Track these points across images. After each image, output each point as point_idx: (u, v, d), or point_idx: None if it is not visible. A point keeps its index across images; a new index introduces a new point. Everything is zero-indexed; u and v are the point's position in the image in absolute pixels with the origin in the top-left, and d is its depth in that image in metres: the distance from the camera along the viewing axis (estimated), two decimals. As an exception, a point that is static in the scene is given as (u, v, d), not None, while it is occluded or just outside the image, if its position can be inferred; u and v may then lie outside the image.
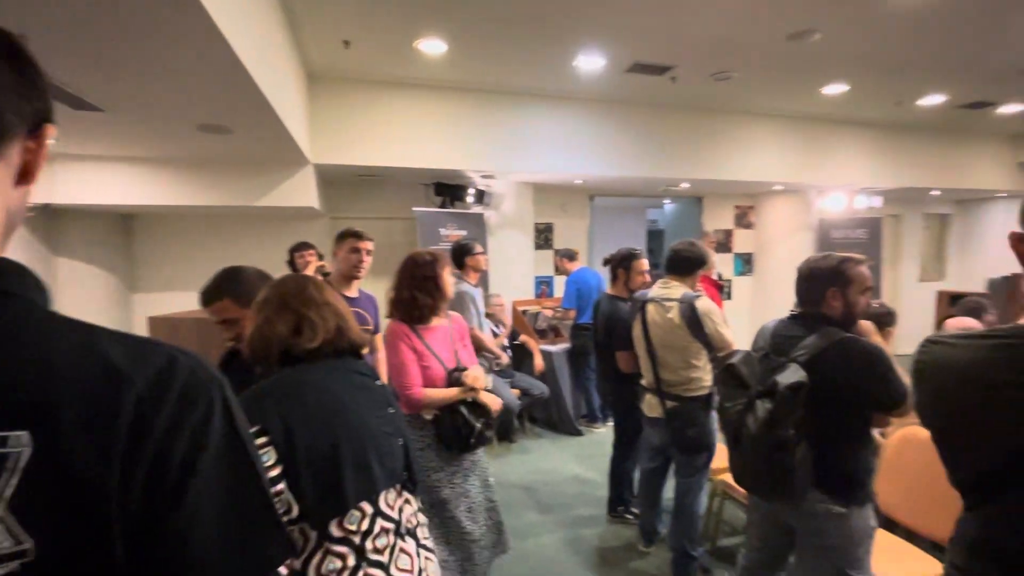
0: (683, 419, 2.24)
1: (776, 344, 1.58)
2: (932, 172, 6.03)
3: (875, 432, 2.32)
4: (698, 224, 6.59)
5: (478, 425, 1.81)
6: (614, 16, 3.02)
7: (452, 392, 1.82)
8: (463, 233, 4.74)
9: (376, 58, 3.65)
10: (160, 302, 4.63)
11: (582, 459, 3.92)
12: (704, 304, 2.22)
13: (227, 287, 1.38)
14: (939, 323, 4.58)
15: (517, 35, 3.29)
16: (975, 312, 3.41)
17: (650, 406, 2.40)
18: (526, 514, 3.10)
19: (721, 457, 2.72)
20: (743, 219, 6.78)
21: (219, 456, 0.44)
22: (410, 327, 1.84)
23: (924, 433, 2.09)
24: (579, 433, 4.42)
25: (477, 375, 1.87)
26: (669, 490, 2.53)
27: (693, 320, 2.20)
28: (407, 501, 1.14)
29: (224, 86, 2.17)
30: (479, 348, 3.04)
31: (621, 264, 2.90)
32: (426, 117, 4.22)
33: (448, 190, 4.89)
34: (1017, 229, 0.84)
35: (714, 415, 2.28)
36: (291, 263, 3.41)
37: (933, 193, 6.64)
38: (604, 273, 3.34)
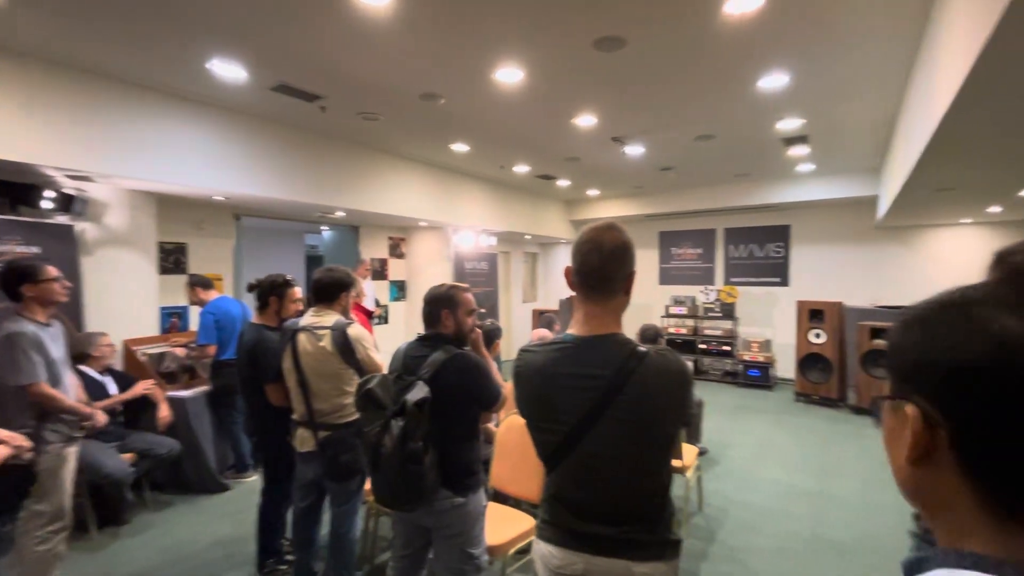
0: (337, 447, 2.25)
1: (406, 364, 1.81)
2: (525, 221, 8.11)
3: (490, 425, 2.92)
4: (355, 251, 6.81)
5: None
6: (252, 30, 2.86)
7: None
8: (35, 250, 3.45)
9: None
10: None
11: (229, 517, 3.40)
12: (355, 330, 2.31)
13: None
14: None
15: (122, 10, 2.68)
16: (549, 324, 4.74)
17: (302, 440, 2.31)
18: (144, 610, 2.46)
19: (376, 475, 2.85)
20: (396, 249, 7.41)
21: None
22: None
23: (521, 421, 2.78)
24: (225, 488, 3.82)
25: None
26: (325, 524, 2.48)
27: (345, 346, 2.26)
28: None
29: None
30: (55, 409, 2.26)
31: (274, 291, 2.73)
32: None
33: (7, 189, 3.48)
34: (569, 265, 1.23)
35: (366, 437, 2.39)
36: None
37: (527, 237, 8.92)
38: (250, 301, 3.04)
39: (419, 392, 1.63)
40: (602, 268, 1.17)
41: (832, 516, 3.48)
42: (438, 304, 1.86)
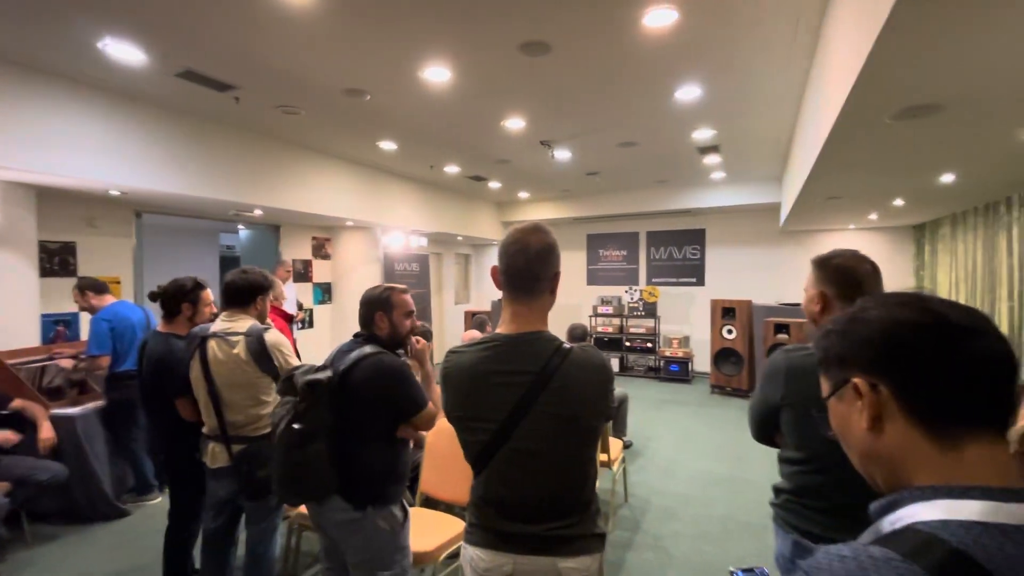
0: (253, 461, 2.11)
1: (334, 358, 1.74)
2: (456, 222, 8.06)
3: (423, 434, 2.86)
4: (276, 252, 6.44)
5: None
6: (149, 7, 2.61)
7: None
8: None
9: None
10: None
11: (129, 545, 3.08)
12: (273, 336, 2.18)
13: None
14: (463, 335, 6.02)
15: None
16: (481, 325, 4.74)
17: (214, 456, 2.14)
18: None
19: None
20: (321, 250, 7.08)
21: None
22: None
23: (450, 425, 2.74)
24: (124, 513, 3.46)
25: None
26: (241, 545, 2.31)
27: (262, 354, 2.13)
28: None
29: None
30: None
31: (187, 297, 2.50)
32: None
33: None
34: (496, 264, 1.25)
35: (286, 448, 2.26)
36: None
37: (459, 238, 8.87)
38: (155, 308, 2.77)
39: (316, 374, 1.58)
40: (528, 268, 1.19)
41: (745, 499, 3.76)
42: (372, 306, 1.81)
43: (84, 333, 4.25)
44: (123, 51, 3.05)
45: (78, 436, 3.32)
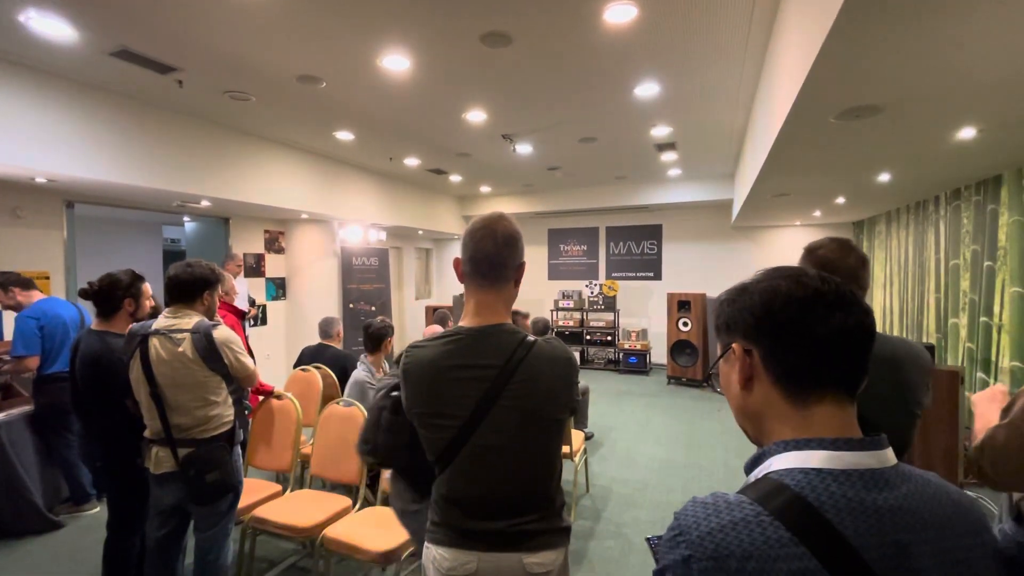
0: (201, 465, 2.00)
1: None
2: (416, 216, 7.93)
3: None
4: (226, 246, 6.14)
5: None
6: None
7: None
8: None
9: None
10: None
11: (63, 559, 2.88)
12: (222, 333, 2.07)
13: None
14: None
15: None
16: (443, 320, 4.69)
17: (158, 461, 2.01)
18: None
19: (249, 495, 2.61)
20: (274, 244, 6.80)
21: None
22: None
23: (341, 410, 2.73)
24: (58, 525, 3.23)
25: None
26: (190, 554, 2.20)
27: (210, 352, 2.02)
28: None
29: None
30: None
31: (128, 292, 2.33)
32: None
33: None
34: (458, 256, 1.23)
35: (238, 451, 2.15)
36: None
37: (419, 232, 8.73)
38: (90, 306, 2.57)
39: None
40: (497, 254, 1.18)
41: (700, 483, 3.90)
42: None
43: (8, 333, 3.92)
44: (49, 25, 2.80)
45: (3, 444, 3.06)
